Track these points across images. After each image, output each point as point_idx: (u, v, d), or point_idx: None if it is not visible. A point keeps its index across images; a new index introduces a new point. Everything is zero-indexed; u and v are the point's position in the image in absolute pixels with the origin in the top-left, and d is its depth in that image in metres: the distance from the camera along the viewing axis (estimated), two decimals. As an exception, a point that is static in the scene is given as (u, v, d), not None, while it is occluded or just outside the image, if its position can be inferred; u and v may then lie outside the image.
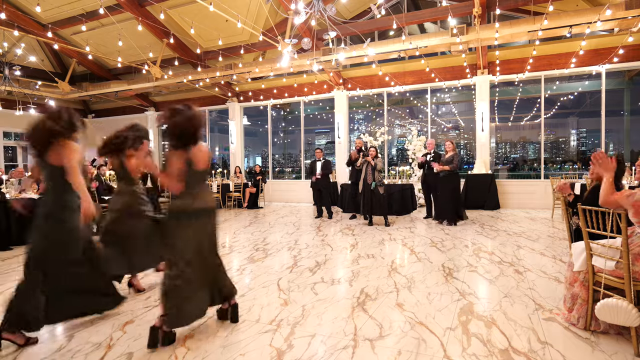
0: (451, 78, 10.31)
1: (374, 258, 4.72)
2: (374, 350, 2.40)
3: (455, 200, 7.16)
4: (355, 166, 7.61)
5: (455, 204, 7.16)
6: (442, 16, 8.40)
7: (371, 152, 7.10)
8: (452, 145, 7.15)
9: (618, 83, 10.89)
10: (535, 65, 9.40)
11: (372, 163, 6.97)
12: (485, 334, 2.59)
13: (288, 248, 5.42)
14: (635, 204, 2.29)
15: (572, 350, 2.34)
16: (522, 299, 3.21)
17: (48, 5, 9.79)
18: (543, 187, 9.41)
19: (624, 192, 2.34)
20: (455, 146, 7.24)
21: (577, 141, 13.62)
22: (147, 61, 10.32)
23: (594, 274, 2.57)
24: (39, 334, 2.70)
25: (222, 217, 9.06)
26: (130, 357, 2.38)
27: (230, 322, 2.85)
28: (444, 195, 7.15)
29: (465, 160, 14.58)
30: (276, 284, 3.78)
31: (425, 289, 3.52)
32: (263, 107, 13.06)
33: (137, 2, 9.19)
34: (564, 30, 7.67)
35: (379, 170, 7.05)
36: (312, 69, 9.89)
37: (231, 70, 10.31)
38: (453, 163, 6.99)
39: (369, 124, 14.81)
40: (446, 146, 7.19)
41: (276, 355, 2.36)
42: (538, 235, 5.96)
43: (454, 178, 7.11)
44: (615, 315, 2.27)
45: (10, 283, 3.99)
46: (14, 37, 10.74)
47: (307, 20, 6.62)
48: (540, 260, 4.44)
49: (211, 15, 8.21)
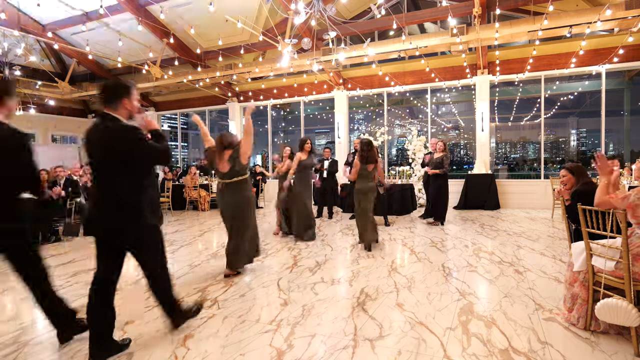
0: (451, 78, 10.31)
1: (374, 258, 4.72)
2: (374, 350, 2.40)
3: (442, 200, 7.16)
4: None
5: (442, 204, 7.17)
6: (442, 16, 8.40)
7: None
8: (442, 145, 7.09)
9: (618, 83, 10.89)
10: (535, 65, 9.40)
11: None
12: (485, 334, 2.59)
13: (288, 248, 5.42)
14: (630, 205, 2.29)
15: (572, 350, 2.34)
16: (522, 299, 3.21)
17: (48, 5, 9.79)
18: (543, 187, 9.41)
19: (619, 194, 2.35)
20: (447, 146, 7.19)
21: (577, 141, 13.63)
22: (147, 61, 10.32)
23: (594, 274, 2.57)
24: (39, 334, 2.70)
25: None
26: (130, 357, 2.38)
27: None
28: (432, 193, 7.20)
29: (466, 160, 14.58)
30: (276, 284, 3.78)
31: (425, 289, 3.52)
32: (263, 107, 13.06)
33: (137, 2, 9.19)
34: (564, 30, 7.67)
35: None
36: (312, 69, 9.89)
37: (231, 70, 10.31)
38: (443, 166, 6.95)
39: (369, 124, 14.81)
40: (437, 146, 7.14)
41: (276, 355, 2.36)
42: (538, 235, 5.96)
43: (441, 178, 7.07)
44: (615, 315, 2.27)
45: (10, 283, 3.99)
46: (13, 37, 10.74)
47: (307, 20, 6.61)
48: (540, 260, 4.44)
49: (211, 16, 8.22)
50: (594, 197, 2.48)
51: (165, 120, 15.87)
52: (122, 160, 2.28)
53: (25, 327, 2.88)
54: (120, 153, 2.27)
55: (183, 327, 2.76)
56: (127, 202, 2.33)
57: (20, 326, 2.89)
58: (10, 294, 3.66)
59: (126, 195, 2.32)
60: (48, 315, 2.54)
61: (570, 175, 3.17)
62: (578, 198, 2.78)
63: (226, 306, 3.20)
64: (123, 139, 2.27)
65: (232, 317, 2.96)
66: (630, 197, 2.29)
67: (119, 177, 2.30)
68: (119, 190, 2.31)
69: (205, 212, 10.15)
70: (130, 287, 3.77)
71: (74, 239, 6.44)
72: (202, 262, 4.71)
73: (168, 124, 16.23)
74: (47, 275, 2.53)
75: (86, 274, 4.30)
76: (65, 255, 5.25)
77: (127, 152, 2.28)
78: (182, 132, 16.80)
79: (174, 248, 5.62)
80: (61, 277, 4.18)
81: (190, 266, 4.54)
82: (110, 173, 2.30)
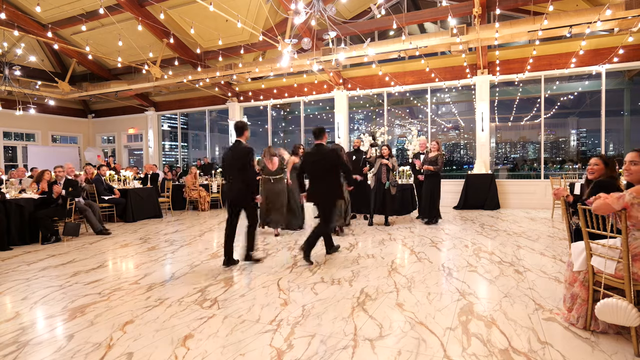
0: (451, 78, 10.31)
1: (374, 258, 4.72)
2: (374, 350, 2.40)
3: (436, 199, 7.21)
4: (366, 166, 7.60)
5: (437, 203, 7.22)
6: (442, 16, 8.40)
7: (384, 151, 7.08)
8: (437, 145, 7.14)
9: (618, 83, 10.89)
10: (535, 65, 9.40)
11: (390, 165, 6.96)
12: (485, 334, 2.59)
13: (288, 248, 5.43)
14: (626, 205, 2.29)
15: (572, 350, 2.34)
16: (522, 299, 3.21)
17: (48, 5, 9.79)
18: (543, 187, 9.41)
19: (614, 195, 2.34)
20: (440, 145, 7.25)
21: (577, 141, 13.62)
22: (147, 61, 10.32)
23: (593, 274, 2.57)
24: (39, 334, 2.71)
25: (222, 217, 9.07)
26: (130, 357, 2.38)
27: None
28: (425, 194, 7.23)
29: (466, 160, 14.57)
30: (276, 284, 3.78)
31: (425, 289, 3.52)
32: (263, 107, 13.07)
33: (137, 2, 9.19)
34: (564, 30, 7.67)
35: (393, 170, 7.05)
36: (312, 69, 9.89)
37: (231, 70, 10.31)
38: (437, 164, 7.00)
39: (369, 124, 14.79)
40: (431, 145, 7.21)
41: (276, 355, 2.36)
42: (538, 235, 5.96)
43: (435, 178, 7.12)
44: (615, 315, 2.27)
45: (10, 283, 3.99)
46: (14, 37, 10.74)
47: (307, 20, 6.61)
48: (540, 260, 4.45)
49: (211, 15, 8.22)
50: (611, 190, 2.45)
51: (165, 120, 15.86)
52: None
53: (25, 327, 2.88)
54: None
55: (183, 327, 2.77)
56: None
57: (20, 326, 2.89)
58: (10, 294, 3.66)
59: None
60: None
61: (602, 165, 3.09)
62: (598, 189, 2.73)
63: (226, 306, 3.20)
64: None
65: (232, 317, 2.97)
66: (626, 197, 2.29)
67: (330, 175, 4.65)
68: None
69: (205, 212, 10.15)
70: (130, 287, 3.77)
71: (73, 239, 6.44)
72: (202, 262, 4.72)
73: (168, 124, 16.23)
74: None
75: (86, 274, 4.30)
76: (65, 255, 5.25)
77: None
78: (182, 132, 16.80)
79: (174, 248, 5.62)
80: (61, 277, 4.18)
81: (191, 266, 4.54)
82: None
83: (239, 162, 4.45)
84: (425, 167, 7.11)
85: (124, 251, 5.52)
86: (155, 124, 14.83)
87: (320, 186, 4.65)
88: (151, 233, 6.98)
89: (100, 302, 3.35)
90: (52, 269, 4.56)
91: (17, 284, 3.97)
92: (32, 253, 5.46)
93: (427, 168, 7.08)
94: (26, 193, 6.55)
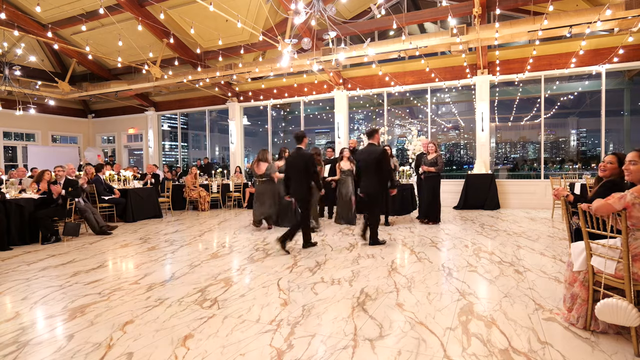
0: (451, 78, 10.31)
1: (374, 258, 4.72)
2: (374, 350, 2.40)
3: (437, 200, 7.24)
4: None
5: (436, 204, 7.24)
6: (442, 16, 8.40)
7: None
8: (434, 146, 7.22)
9: (618, 83, 10.89)
10: (535, 65, 9.40)
11: (392, 165, 6.98)
12: (485, 334, 2.59)
13: (288, 248, 5.42)
14: (628, 205, 2.29)
15: (572, 350, 2.34)
16: (522, 299, 3.21)
17: (48, 5, 9.79)
18: (543, 187, 9.41)
19: (616, 195, 2.34)
20: (437, 146, 7.33)
21: (577, 141, 13.63)
22: (147, 61, 10.32)
23: (593, 274, 2.57)
24: (39, 334, 2.71)
25: (222, 217, 9.07)
26: (130, 357, 2.38)
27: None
28: (427, 195, 7.24)
29: (466, 160, 14.57)
30: (276, 284, 3.78)
31: (425, 289, 3.52)
32: (263, 107, 13.06)
33: (137, 2, 9.19)
34: (564, 30, 7.67)
35: (394, 170, 7.06)
36: (312, 69, 9.89)
37: (231, 70, 10.31)
38: (437, 165, 7.06)
39: (369, 124, 14.80)
40: (429, 148, 7.27)
41: (276, 355, 2.36)
42: (538, 235, 5.96)
43: (435, 179, 7.15)
44: (615, 315, 2.27)
45: (10, 283, 3.99)
46: (14, 37, 10.74)
47: (307, 20, 6.61)
48: (540, 260, 4.45)
49: (211, 15, 8.22)
50: (621, 190, 2.43)
51: (165, 120, 15.87)
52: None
53: (25, 327, 2.88)
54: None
55: (183, 327, 2.77)
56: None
57: (20, 326, 2.89)
58: (10, 294, 3.66)
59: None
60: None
61: (616, 165, 2.95)
62: (610, 189, 2.67)
63: (226, 306, 3.20)
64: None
65: (232, 317, 2.96)
66: (627, 197, 2.29)
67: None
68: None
69: (205, 212, 10.15)
70: (130, 287, 3.77)
71: (73, 239, 6.44)
72: (202, 262, 4.72)
73: (168, 124, 16.24)
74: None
75: (86, 274, 4.30)
76: (65, 255, 5.25)
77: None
78: (182, 132, 16.80)
79: (174, 248, 5.62)
80: (61, 277, 4.18)
81: (191, 266, 4.54)
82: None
83: (301, 165, 5.19)
84: (426, 169, 7.12)
85: (124, 251, 5.52)
86: (155, 124, 14.83)
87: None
88: (151, 233, 6.98)
89: (100, 302, 3.35)
90: (52, 269, 4.56)
91: (17, 284, 3.97)
92: (32, 253, 5.46)
93: (427, 170, 7.10)
94: (26, 193, 6.55)
